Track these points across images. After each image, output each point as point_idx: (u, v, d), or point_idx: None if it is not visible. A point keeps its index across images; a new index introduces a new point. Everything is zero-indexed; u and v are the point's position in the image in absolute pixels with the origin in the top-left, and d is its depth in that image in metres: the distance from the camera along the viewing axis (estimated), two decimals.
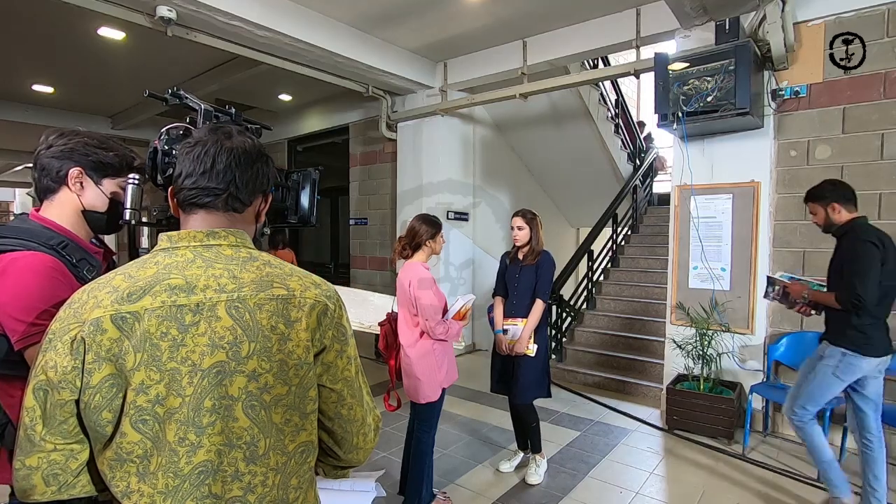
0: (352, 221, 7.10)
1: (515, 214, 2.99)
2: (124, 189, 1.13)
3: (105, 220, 1.21)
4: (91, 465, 0.81)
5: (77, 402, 0.76)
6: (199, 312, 0.78)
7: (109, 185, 1.21)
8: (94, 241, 1.24)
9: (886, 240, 2.41)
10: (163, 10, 3.63)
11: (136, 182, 1.13)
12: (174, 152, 1.13)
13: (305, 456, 0.86)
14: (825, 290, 2.63)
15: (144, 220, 1.15)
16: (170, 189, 0.90)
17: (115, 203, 1.21)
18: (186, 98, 1.17)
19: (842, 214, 2.55)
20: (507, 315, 2.98)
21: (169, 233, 0.86)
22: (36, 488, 0.78)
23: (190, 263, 0.81)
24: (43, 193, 1.17)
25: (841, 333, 2.47)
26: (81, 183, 1.17)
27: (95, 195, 1.19)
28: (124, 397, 0.75)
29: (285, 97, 7.09)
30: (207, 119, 1.19)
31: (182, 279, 0.79)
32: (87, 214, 1.19)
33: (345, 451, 0.92)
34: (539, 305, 2.87)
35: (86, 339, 0.74)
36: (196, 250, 0.83)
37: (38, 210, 1.18)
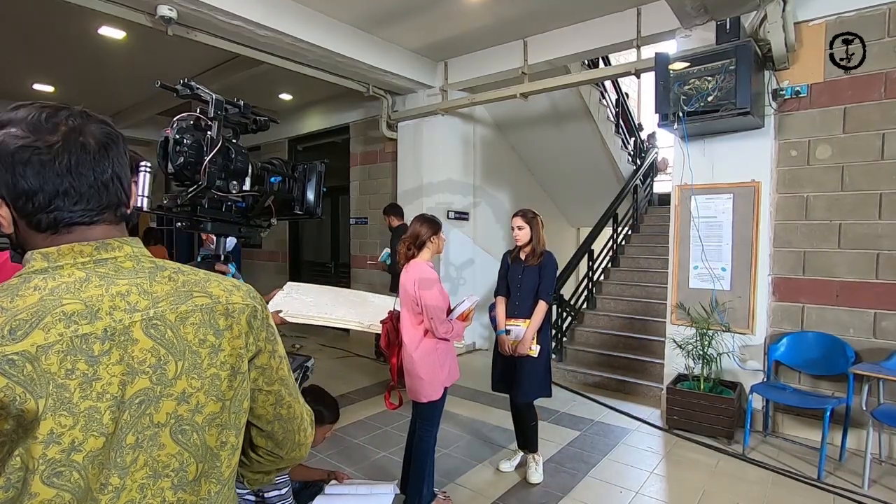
0: (352, 221, 7.10)
1: (515, 214, 2.99)
2: (135, 180, 1.14)
3: None
4: None
5: None
6: (108, 339, 0.66)
7: None
8: None
9: None
10: (163, 10, 3.63)
11: (149, 170, 1.13)
12: (185, 141, 1.13)
13: (233, 478, 0.80)
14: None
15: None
16: (5, 207, 0.70)
17: None
18: (198, 89, 1.17)
19: None
20: (509, 315, 2.99)
21: (42, 250, 0.69)
22: None
23: (84, 283, 0.67)
24: None
25: None
26: None
27: None
28: (26, 453, 0.60)
29: (286, 96, 7.09)
30: (218, 110, 1.19)
31: (79, 303, 0.65)
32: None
33: (287, 451, 0.89)
34: (542, 307, 2.87)
35: None
36: (87, 267, 0.69)
37: None
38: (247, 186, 1.25)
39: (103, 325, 0.66)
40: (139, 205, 1.11)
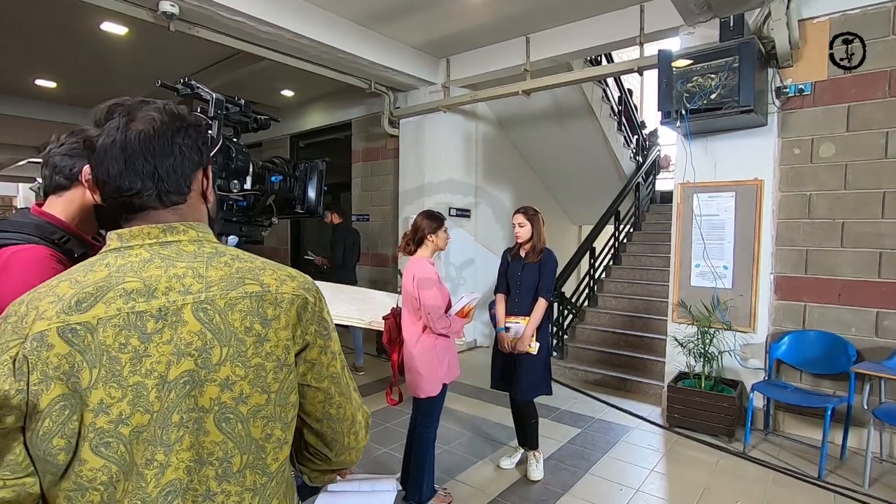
0: (354, 218, 7.10)
1: (517, 211, 2.99)
2: None
3: (117, 216, 1.22)
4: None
5: (23, 429, 0.65)
6: (161, 318, 0.69)
7: None
8: (97, 236, 1.25)
9: None
10: (165, 6, 3.62)
11: None
12: None
13: (285, 473, 0.79)
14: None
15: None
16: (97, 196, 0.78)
17: None
18: (198, 88, 1.17)
19: None
20: (509, 313, 2.99)
21: (119, 230, 0.75)
22: None
23: (147, 264, 0.72)
24: (53, 190, 1.18)
25: None
26: None
27: None
28: (80, 419, 0.65)
29: (288, 93, 7.08)
30: (219, 109, 1.19)
31: (139, 282, 0.70)
32: (100, 210, 1.20)
33: (336, 453, 0.86)
34: (542, 304, 2.87)
35: (29, 356, 0.64)
36: (153, 249, 0.73)
37: (40, 205, 1.18)
38: (248, 185, 1.25)
39: (158, 305, 0.70)
40: None
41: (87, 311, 0.67)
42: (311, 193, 1.24)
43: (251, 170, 1.25)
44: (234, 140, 1.22)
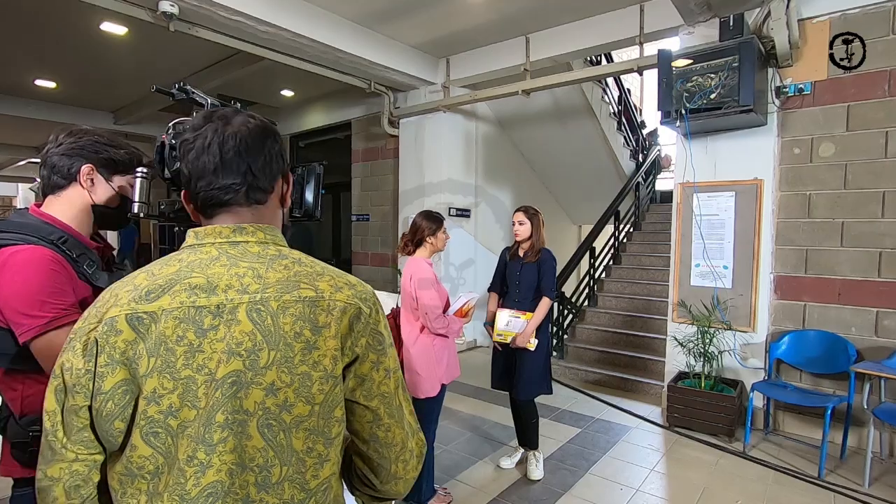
0: (353, 217, 7.10)
1: (517, 210, 3.00)
2: (132, 184, 1.14)
3: (114, 216, 1.23)
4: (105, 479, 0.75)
5: (90, 408, 0.70)
6: (218, 315, 0.71)
7: (119, 181, 1.22)
8: (95, 236, 1.25)
9: None
10: (165, 6, 3.62)
11: (145, 175, 1.13)
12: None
13: (329, 495, 0.76)
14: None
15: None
16: (183, 194, 0.83)
17: (125, 199, 1.22)
18: (193, 93, 1.17)
19: None
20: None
21: (196, 228, 0.79)
22: (57, 501, 0.72)
23: (214, 261, 0.75)
24: (51, 190, 1.17)
25: None
26: (92, 179, 1.18)
27: (106, 191, 1.20)
28: (135, 406, 0.69)
29: (287, 93, 7.08)
30: None
31: (204, 278, 0.72)
32: (97, 210, 1.20)
33: (381, 481, 0.80)
34: (546, 302, 2.88)
35: (99, 339, 0.69)
36: (221, 247, 0.76)
37: (38, 205, 1.18)
38: None
39: (217, 301, 0.72)
40: (134, 210, 1.12)
41: (154, 301, 0.70)
42: (309, 197, 1.24)
43: None
44: None
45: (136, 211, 1.12)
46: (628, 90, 7.96)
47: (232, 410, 0.69)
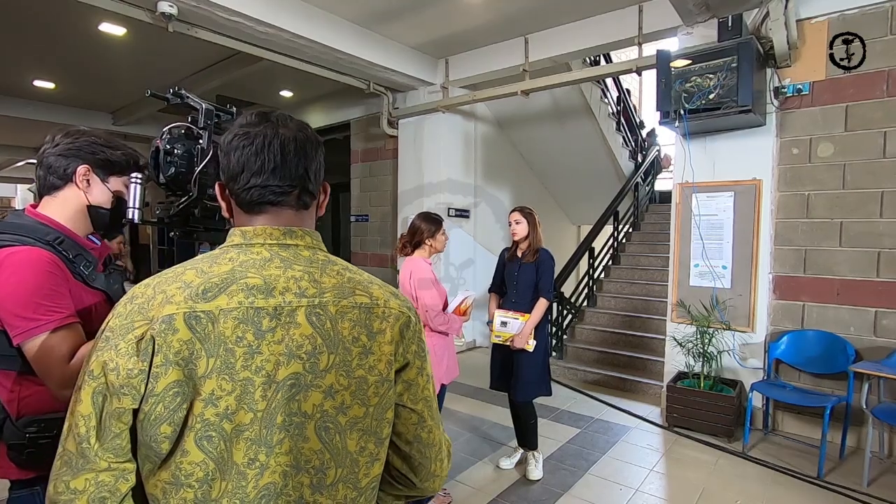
0: (353, 218, 7.10)
1: (513, 210, 3.01)
2: (128, 188, 1.14)
3: (109, 217, 1.22)
4: (137, 489, 0.71)
5: (135, 412, 0.66)
6: (276, 317, 0.70)
7: (115, 182, 1.22)
8: (91, 237, 1.24)
9: None
10: (164, 6, 3.62)
11: (139, 181, 1.13)
12: (176, 151, 1.13)
13: (375, 493, 0.79)
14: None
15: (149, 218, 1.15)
16: (219, 186, 0.81)
17: (120, 200, 1.22)
18: (188, 97, 1.17)
19: None
20: (506, 309, 2.99)
21: (243, 228, 0.78)
22: None
23: (267, 263, 0.74)
24: (46, 191, 1.17)
25: None
26: (88, 180, 1.18)
27: (102, 192, 1.20)
28: (188, 409, 0.66)
29: (286, 93, 7.08)
30: (208, 118, 1.19)
31: (260, 279, 0.71)
32: (93, 211, 1.19)
33: (421, 479, 0.83)
34: (543, 303, 2.88)
35: (156, 338, 0.65)
36: (272, 249, 0.76)
37: (34, 206, 1.18)
38: None
39: (275, 303, 0.71)
40: (130, 216, 1.11)
41: (212, 300, 0.68)
42: None
43: None
44: None
45: (130, 216, 1.12)
46: (627, 90, 7.98)
47: (290, 413, 0.70)
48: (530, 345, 2.86)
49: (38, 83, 6.53)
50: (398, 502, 0.88)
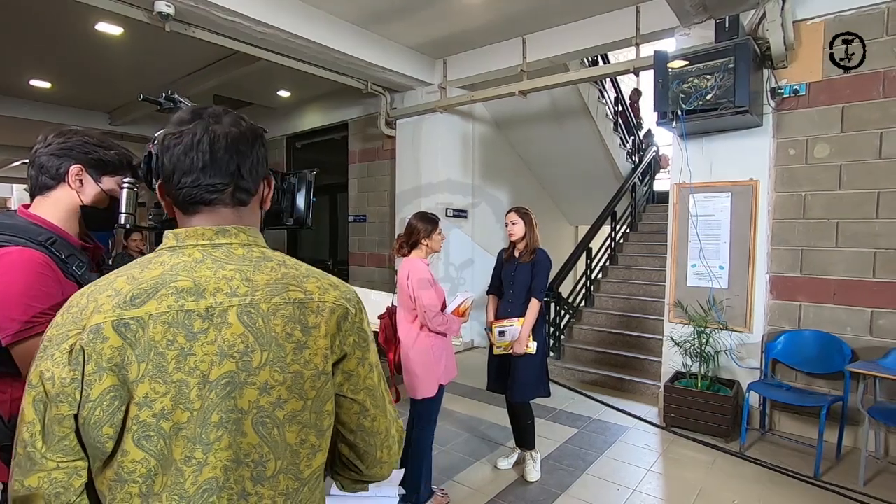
0: (351, 218, 7.10)
1: (509, 211, 3.01)
2: (122, 185, 1.13)
3: (103, 217, 1.21)
4: (93, 484, 0.74)
5: (76, 416, 0.69)
6: (208, 318, 0.71)
7: (108, 182, 1.21)
8: (85, 237, 1.23)
9: None
10: (161, 6, 3.62)
11: (131, 186, 1.12)
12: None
13: (319, 482, 0.80)
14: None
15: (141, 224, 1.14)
16: (158, 186, 0.81)
17: (114, 200, 1.21)
18: (181, 101, 1.16)
19: None
20: (502, 315, 2.99)
21: (175, 230, 0.78)
22: None
23: (199, 264, 0.74)
24: (39, 191, 1.16)
25: None
26: (81, 180, 1.17)
27: (95, 192, 1.19)
28: (126, 411, 0.69)
29: (284, 93, 7.07)
30: None
31: (190, 282, 0.72)
32: (86, 211, 1.18)
33: (367, 466, 0.85)
34: (535, 305, 2.87)
35: (85, 347, 0.68)
36: (205, 250, 0.76)
37: (26, 206, 1.17)
38: None
39: (206, 305, 0.72)
40: (121, 222, 1.11)
41: (141, 306, 0.70)
42: (300, 205, 1.23)
43: None
44: None
45: (122, 222, 1.11)
46: (630, 97, 7.99)
47: (226, 410, 0.71)
48: (531, 347, 2.86)
49: (34, 83, 6.51)
50: (358, 486, 0.90)
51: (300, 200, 1.23)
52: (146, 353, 0.69)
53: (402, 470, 2.10)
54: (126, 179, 1.13)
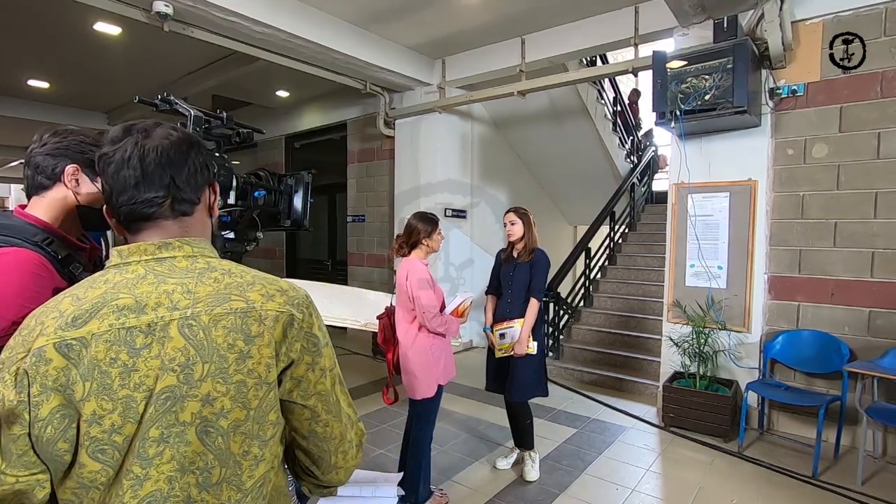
0: (349, 218, 7.09)
1: (508, 211, 3.01)
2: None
3: (99, 217, 1.21)
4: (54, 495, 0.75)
5: (29, 434, 0.70)
6: (151, 333, 0.71)
7: None
8: (81, 237, 1.23)
9: None
10: (159, 6, 3.61)
11: None
12: None
13: (263, 490, 0.79)
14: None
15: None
16: (105, 209, 0.81)
17: None
18: (176, 104, 1.16)
19: None
20: (501, 316, 2.99)
21: (119, 247, 0.78)
22: None
23: (141, 280, 0.74)
24: (35, 191, 1.15)
25: None
26: (77, 180, 1.16)
27: (90, 192, 1.18)
28: (77, 427, 0.69)
29: (283, 93, 7.06)
30: (197, 125, 1.17)
31: (132, 298, 0.72)
32: (82, 211, 1.18)
33: (323, 472, 0.84)
34: (534, 305, 2.88)
35: (28, 371, 0.68)
36: (148, 265, 0.76)
37: (23, 206, 1.16)
38: (231, 200, 1.23)
39: (147, 320, 0.72)
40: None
41: (82, 327, 0.70)
42: (298, 206, 1.23)
43: (234, 185, 1.23)
44: (217, 155, 1.20)
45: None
46: (629, 97, 7.99)
47: (167, 425, 0.71)
48: (531, 347, 2.86)
49: (32, 83, 6.51)
50: (321, 489, 0.89)
51: (297, 202, 1.23)
52: (90, 371, 0.69)
53: (401, 473, 2.10)
54: None
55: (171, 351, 0.71)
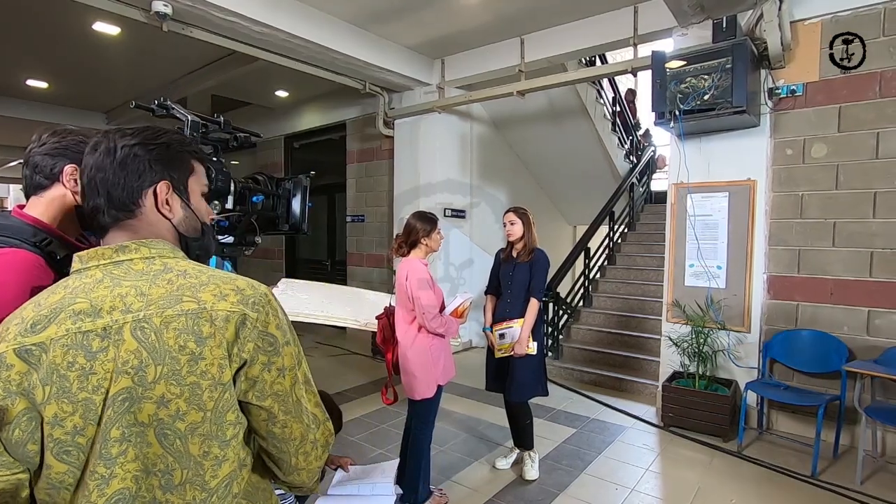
0: (349, 218, 7.09)
1: (507, 211, 3.01)
2: None
3: None
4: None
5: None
6: (106, 337, 0.72)
7: None
8: (80, 237, 1.22)
9: None
10: (158, 6, 3.61)
11: None
12: None
13: (231, 488, 0.79)
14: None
15: None
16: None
17: None
18: (173, 109, 1.16)
19: None
20: (500, 316, 2.99)
21: (80, 253, 0.80)
22: None
23: (97, 284, 0.76)
24: (33, 190, 1.15)
25: None
26: (76, 179, 1.16)
27: None
28: (42, 430, 0.71)
29: (282, 93, 7.06)
30: (194, 130, 1.17)
31: (87, 303, 0.74)
32: (81, 211, 1.18)
33: (284, 473, 0.84)
34: (534, 305, 2.88)
35: None
36: (106, 269, 0.78)
37: (21, 207, 1.16)
38: (229, 205, 1.23)
39: (103, 324, 0.73)
40: None
41: (41, 332, 0.72)
42: (296, 210, 1.23)
43: (232, 189, 1.23)
44: (214, 159, 1.20)
45: None
46: (633, 91, 8.00)
47: (128, 425, 0.72)
48: (531, 347, 2.86)
49: (30, 82, 6.50)
50: (294, 490, 0.90)
51: (295, 206, 1.23)
52: (49, 376, 0.71)
53: (396, 461, 2.09)
54: None
55: (124, 354, 0.72)
